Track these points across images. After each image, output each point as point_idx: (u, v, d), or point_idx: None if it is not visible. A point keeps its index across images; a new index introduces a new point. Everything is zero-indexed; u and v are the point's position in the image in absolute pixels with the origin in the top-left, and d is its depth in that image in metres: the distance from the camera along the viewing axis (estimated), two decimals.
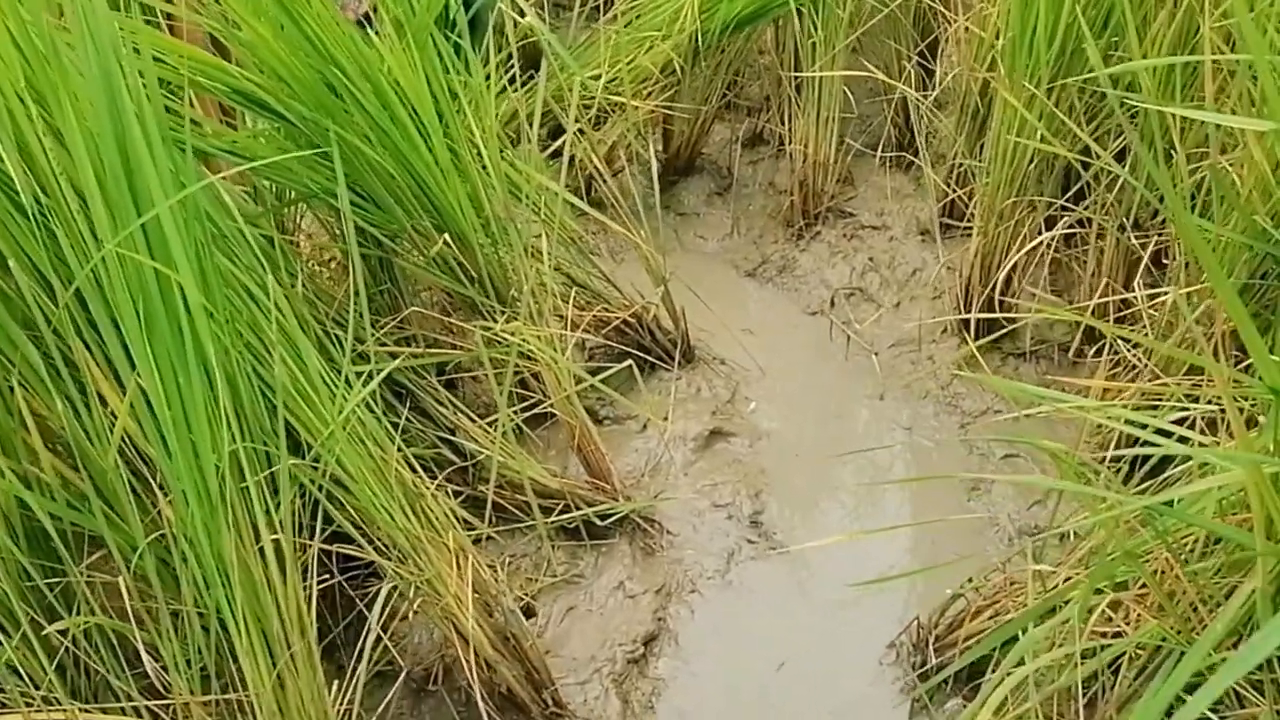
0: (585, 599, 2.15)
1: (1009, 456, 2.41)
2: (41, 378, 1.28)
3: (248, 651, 1.35)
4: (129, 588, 1.32)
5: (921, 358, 2.68)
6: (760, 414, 2.61)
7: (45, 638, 1.33)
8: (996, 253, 2.50)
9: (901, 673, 2.01)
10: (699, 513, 2.35)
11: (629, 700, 2.00)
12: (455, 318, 2.28)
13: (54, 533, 1.30)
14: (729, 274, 3.07)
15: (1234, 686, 1.19)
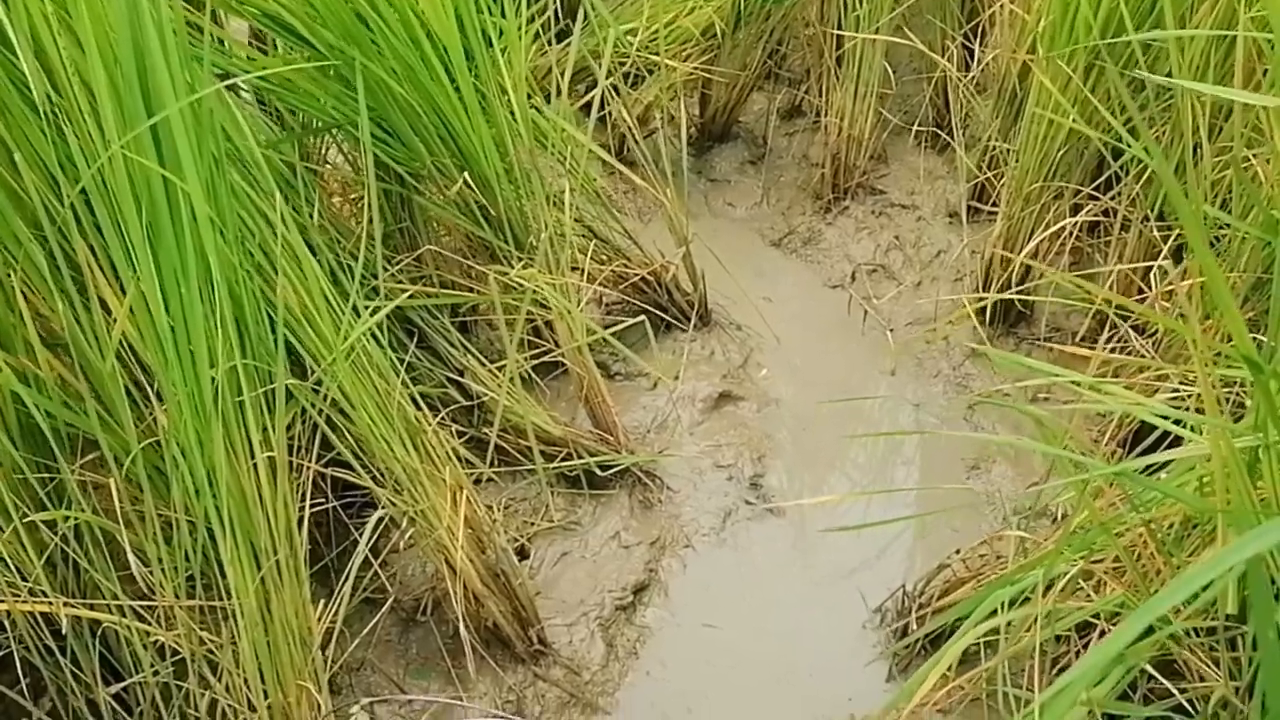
0: (580, 545, 2.17)
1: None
2: (44, 276, 1.31)
3: (233, 560, 1.38)
4: (120, 490, 1.35)
5: (936, 337, 2.68)
6: (771, 381, 2.62)
7: (35, 532, 1.37)
8: (1020, 237, 2.48)
9: (882, 638, 2.03)
10: (700, 471, 2.36)
11: (614, 645, 2.02)
12: (474, 262, 2.30)
13: (48, 430, 1.34)
14: (754, 242, 3.07)
15: (1195, 662, 1.19)
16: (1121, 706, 1.17)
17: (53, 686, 1.46)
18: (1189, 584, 0.58)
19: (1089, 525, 1.31)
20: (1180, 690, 1.18)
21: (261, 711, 1.43)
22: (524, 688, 1.92)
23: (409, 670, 1.93)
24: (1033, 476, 2.29)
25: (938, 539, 2.18)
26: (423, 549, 1.86)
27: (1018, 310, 2.60)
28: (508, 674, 1.92)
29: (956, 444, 2.45)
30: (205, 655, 1.44)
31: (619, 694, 1.96)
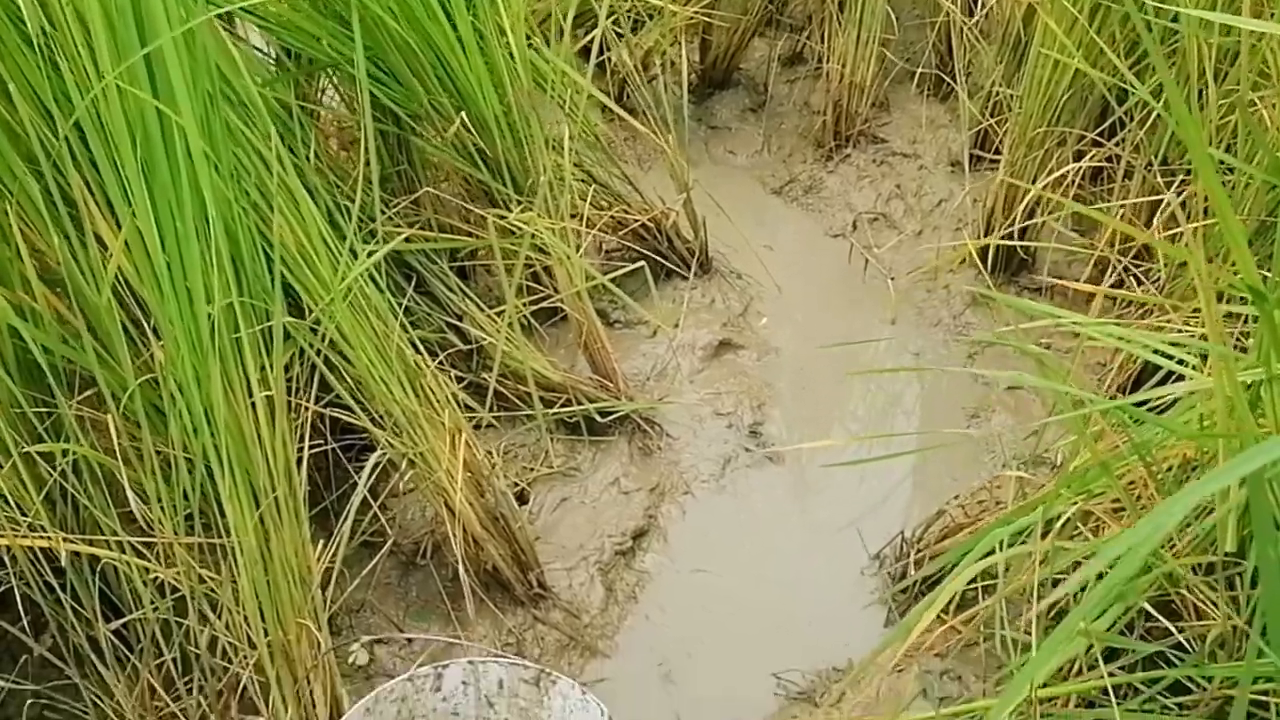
0: (579, 491, 2.17)
1: (1012, 388, 2.40)
2: (40, 210, 1.30)
3: (232, 498, 1.38)
4: (117, 426, 1.35)
5: (937, 286, 2.67)
6: (771, 329, 2.61)
7: (34, 468, 1.37)
8: (1022, 184, 2.46)
9: (880, 584, 2.03)
10: (700, 419, 2.36)
11: (613, 589, 2.03)
12: (473, 206, 2.28)
13: (45, 366, 1.33)
14: (755, 190, 3.05)
15: (1194, 601, 1.19)
16: (1120, 640, 1.18)
17: (53, 623, 1.46)
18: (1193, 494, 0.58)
19: (1088, 465, 1.31)
20: (1179, 629, 1.19)
21: (261, 649, 1.43)
22: (523, 630, 1.93)
23: (408, 612, 1.93)
24: (1032, 425, 2.28)
25: (937, 487, 2.18)
26: (422, 492, 1.86)
27: (1020, 258, 2.58)
28: (507, 617, 1.93)
29: (956, 392, 2.44)
30: (205, 593, 1.44)
31: (618, 638, 1.97)
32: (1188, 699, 1.23)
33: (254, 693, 1.49)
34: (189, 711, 1.49)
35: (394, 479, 1.80)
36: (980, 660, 1.84)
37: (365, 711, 1.47)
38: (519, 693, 1.55)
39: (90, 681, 1.48)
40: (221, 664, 1.48)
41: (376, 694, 1.47)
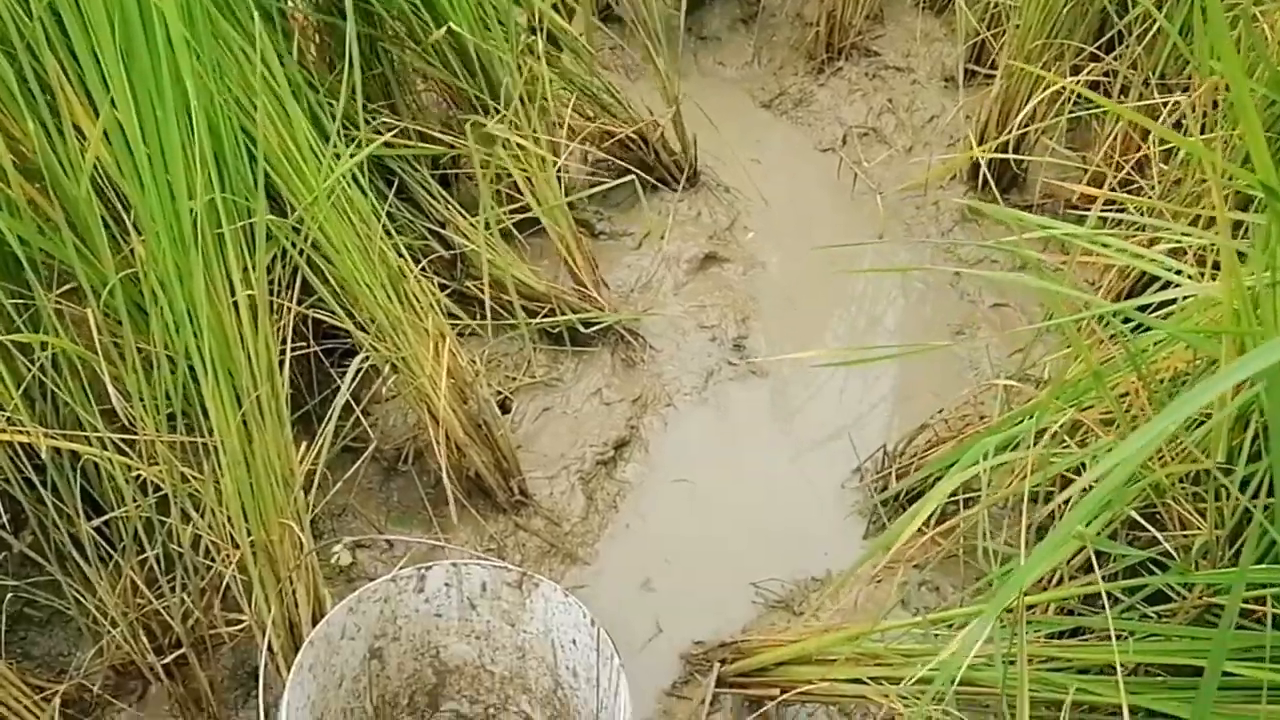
0: (561, 401, 2.17)
1: (998, 305, 2.40)
2: (14, 96, 1.25)
3: (214, 396, 1.36)
4: (98, 322, 1.32)
5: (926, 202, 2.64)
6: (757, 243, 2.59)
7: (12, 362, 1.34)
8: (1018, 98, 2.43)
9: (862, 497, 2.04)
10: (684, 331, 2.35)
11: (594, 498, 2.03)
12: (455, 112, 2.24)
13: (23, 258, 1.30)
14: (744, 103, 3.00)
15: (1179, 512, 1.20)
16: (1109, 545, 1.18)
17: (34, 519, 1.45)
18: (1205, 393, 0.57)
19: (1081, 375, 1.31)
20: (1164, 538, 1.19)
21: (245, 548, 1.43)
22: (504, 537, 1.93)
23: (390, 517, 1.93)
24: (1018, 343, 2.28)
25: (920, 403, 2.18)
26: (405, 398, 1.85)
27: (1012, 174, 2.56)
28: (489, 523, 1.93)
29: (941, 309, 2.44)
30: (188, 492, 1.43)
31: (598, 545, 1.98)
32: (1167, 608, 1.24)
33: (237, 592, 1.49)
34: (172, 609, 1.49)
35: (376, 384, 1.78)
36: (959, 572, 1.86)
37: (348, 611, 1.47)
38: (501, 595, 1.55)
39: (72, 578, 1.47)
40: (204, 563, 1.48)
41: (359, 594, 1.47)
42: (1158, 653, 1.20)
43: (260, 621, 1.47)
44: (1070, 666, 1.28)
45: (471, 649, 1.63)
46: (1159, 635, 1.21)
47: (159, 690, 1.63)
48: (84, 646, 1.59)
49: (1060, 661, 1.30)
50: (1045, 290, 1.11)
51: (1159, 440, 0.69)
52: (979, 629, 0.86)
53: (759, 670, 1.68)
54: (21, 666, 1.60)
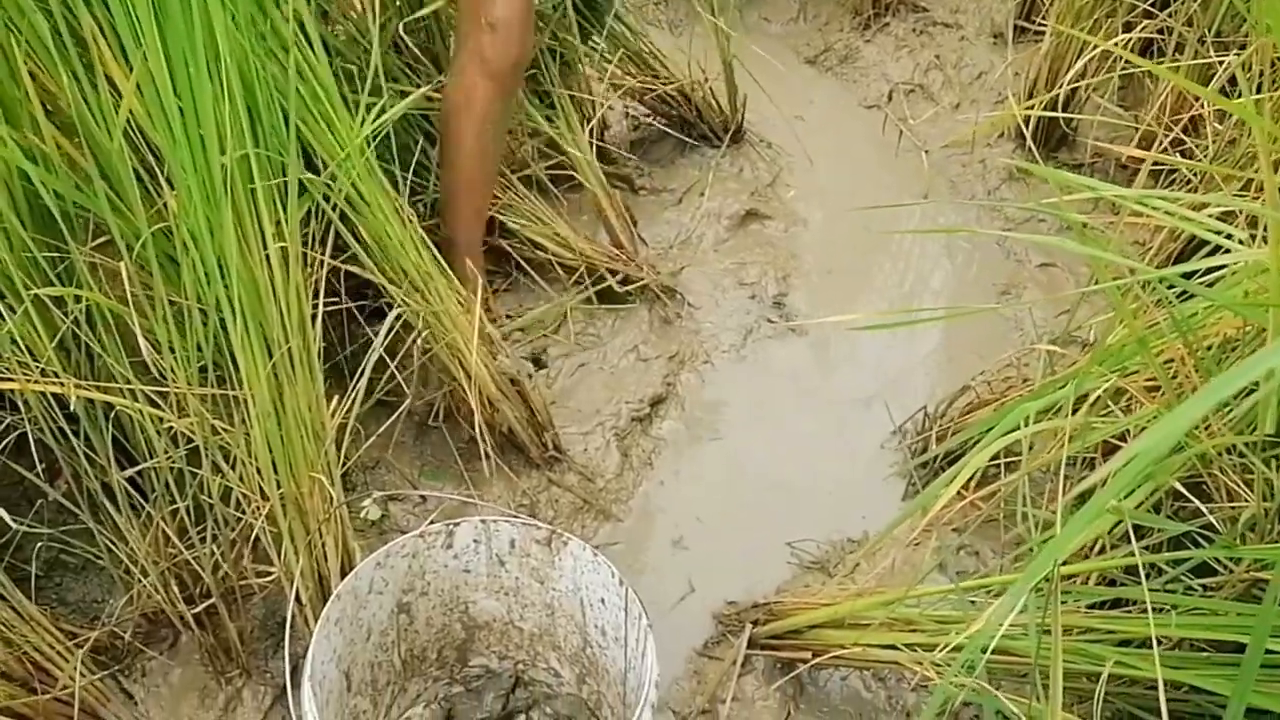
0: (598, 357, 2.15)
1: (1045, 265, 2.34)
2: (48, 49, 1.24)
3: (244, 348, 1.35)
4: (130, 274, 1.31)
5: (973, 160, 2.59)
6: (800, 200, 2.54)
7: (46, 313, 1.34)
8: (1068, 55, 2.36)
9: (900, 457, 2.01)
10: (723, 289, 2.32)
11: (628, 455, 2.02)
12: None
13: (56, 211, 1.29)
14: (789, 59, 2.94)
15: (1226, 483, 1.16)
16: (1149, 518, 1.15)
17: (67, 469, 1.45)
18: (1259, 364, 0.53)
19: (1125, 340, 1.27)
20: (1209, 510, 1.16)
21: (274, 500, 1.43)
22: (538, 492, 1.92)
23: (423, 472, 1.93)
24: (1064, 305, 2.23)
25: (962, 363, 2.14)
26: (437, 353, 1.83)
27: (1061, 132, 2.49)
28: (521, 479, 1.92)
29: (987, 268, 2.39)
30: (219, 444, 1.43)
31: (632, 502, 1.97)
32: (1213, 580, 1.21)
33: (267, 544, 1.49)
34: (202, 560, 1.49)
35: (409, 341, 1.76)
36: (999, 536, 1.83)
37: (376, 565, 1.47)
38: (530, 552, 1.54)
39: (104, 527, 1.48)
40: (234, 514, 1.48)
41: (387, 549, 1.47)
42: (1202, 627, 1.17)
43: (289, 573, 1.48)
44: (1110, 638, 1.25)
45: (500, 605, 1.63)
46: (1203, 610, 1.18)
47: (189, 639, 1.64)
48: (116, 594, 1.61)
49: (1099, 633, 1.27)
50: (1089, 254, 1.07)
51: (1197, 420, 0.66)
52: (1011, 600, 0.83)
53: (792, 632, 1.67)
54: (56, 612, 1.62)
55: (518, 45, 1.83)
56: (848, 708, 1.69)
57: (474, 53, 1.82)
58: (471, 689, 1.70)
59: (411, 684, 1.66)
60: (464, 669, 1.71)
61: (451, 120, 1.90)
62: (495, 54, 1.81)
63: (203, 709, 1.62)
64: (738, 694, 1.69)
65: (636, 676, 1.46)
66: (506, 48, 1.82)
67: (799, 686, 1.71)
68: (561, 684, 1.69)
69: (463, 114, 1.88)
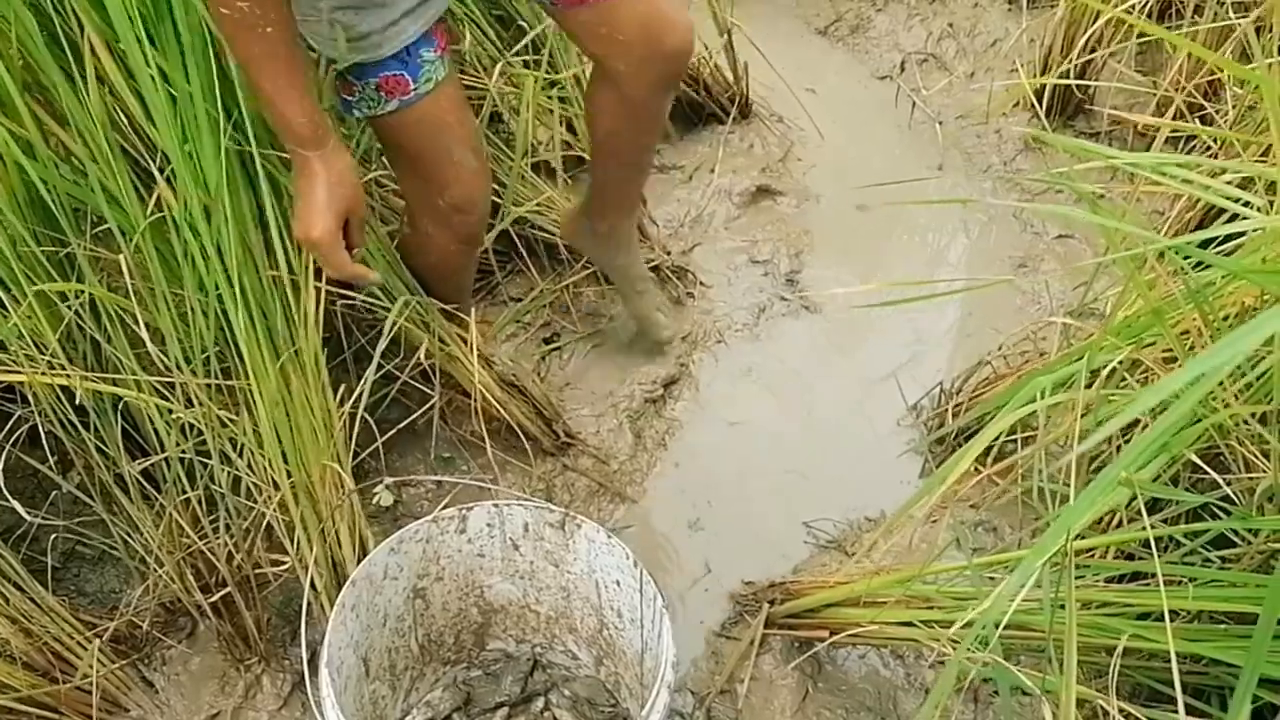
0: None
1: (1062, 237, 2.31)
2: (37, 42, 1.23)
3: (248, 337, 1.35)
4: (130, 266, 1.31)
5: (988, 131, 2.55)
6: (812, 175, 2.52)
7: (51, 307, 1.34)
8: (1084, 20, 2.32)
9: (917, 435, 1.99)
10: (735, 266, 2.30)
11: (642, 436, 2.01)
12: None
13: (54, 204, 1.29)
14: (798, 30, 2.91)
15: (1244, 454, 1.14)
16: (1163, 490, 1.13)
17: (79, 461, 1.46)
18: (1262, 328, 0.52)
19: (1141, 311, 1.25)
20: (1226, 482, 1.14)
21: (285, 489, 1.43)
22: (553, 476, 1.92)
23: (437, 460, 1.92)
24: (1082, 277, 2.20)
25: (979, 339, 2.12)
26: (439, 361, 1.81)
27: (1077, 100, 2.45)
28: (536, 464, 1.91)
29: (1004, 241, 2.36)
30: (229, 436, 1.43)
31: (646, 484, 1.96)
32: (1231, 553, 1.19)
33: (280, 532, 1.50)
34: (216, 550, 1.50)
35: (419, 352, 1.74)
36: (1016, 512, 1.81)
37: (390, 551, 1.46)
38: (544, 536, 1.54)
39: (118, 518, 1.48)
40: (246, 504, 1.48)
41: (400, 534, 1.47)
42: (1219, 599, 1.15)
43: (303, 561, 1.48)
44: (1127, 612, 1.24)
45: (516, 589, 1.63)
46: (1221, 582, 1.16)
47: (207, 628, 1.65)
48: (133, 585, 1.61)
49: (1117, 607, 1.25)
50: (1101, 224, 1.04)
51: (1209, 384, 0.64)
52: (1024, 573, 0.82)
53: (809, 611, 1.66)
54: (74, 603, 1.63)
55: (479, 212, 1.70)
56: (866, 686, 1.68)
57: (433, 222, 1.68)
58: (489, 673, 1.70)
59: (429, 669, 1.66)
60: (481, 653, 1.71)
61: (413, 261, 1.76)
62: (458, 227, 1.68)
63: (223, 696, 1.62)
64: (756, 674, 1.68)
65: (653, 657, 1.45)
66: (467, 220, 1.68)
67: (817, 665, 1.70)
68: (579, 666, 1.69)
69: (429, 261, 1.75)
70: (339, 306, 1.63)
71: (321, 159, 1.36)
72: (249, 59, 1.25)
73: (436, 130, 1.54)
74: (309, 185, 1.36)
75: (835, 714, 1.65)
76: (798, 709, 1.65)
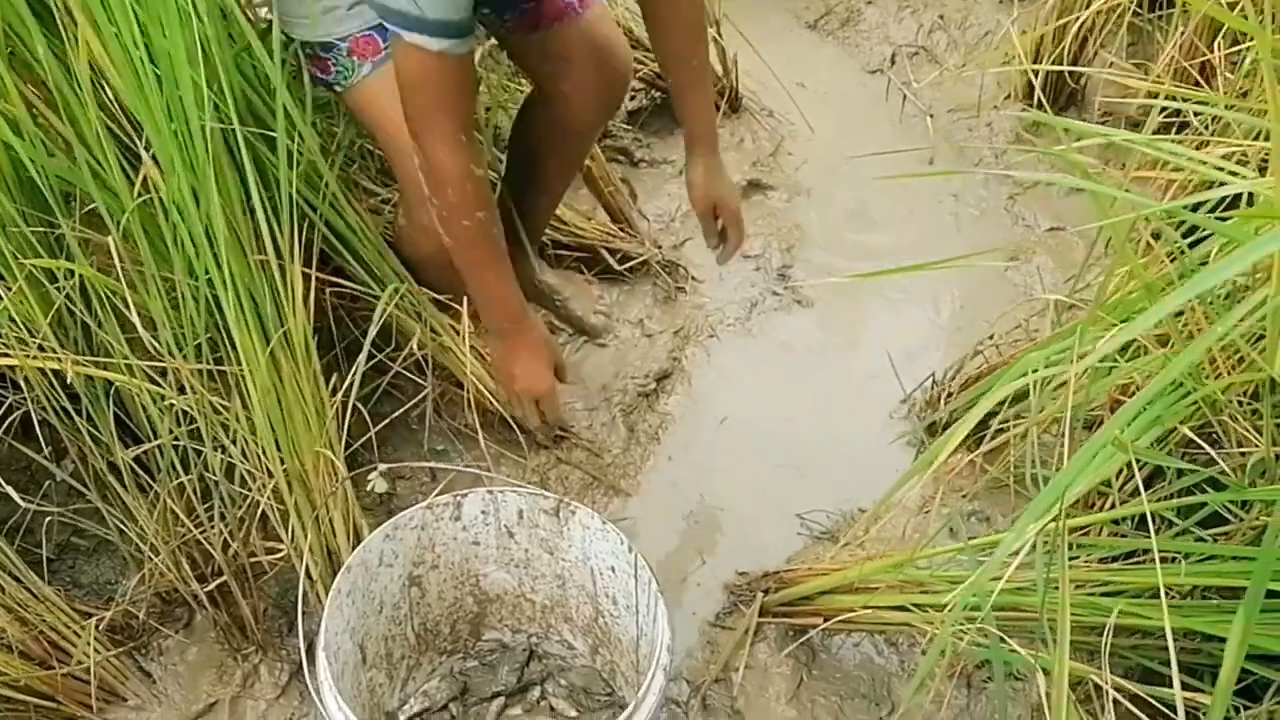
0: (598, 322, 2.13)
1: (1054, 230, 2.32)
2: (23, 20, 1.23)
3: (239, 321, 1.35)
4: (118, 248, 1.30)
5: (979, 124, 2.56)
6: (803, 170, 2.53)
7: (40, 288, 1.34)
8: (1075, 8, 2.33)
9: (910, 427, 2.00)
10: None
11: (635, 430, 2.01)
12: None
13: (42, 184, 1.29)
14: (788, 23, 2.92)
15: (1236, 430, 1.15)
16: (1155, 455, 1.13)
17: (73, 449, 1.46)
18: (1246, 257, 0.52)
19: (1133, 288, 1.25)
20: (1221, 456, 1.14)
21: (279, 477, 1.43)
22: (547, 469, 1.92)
23: (429, 452, 1.92)
24: (1072, 269, 2.21)
25: (971, 332, 2.12)
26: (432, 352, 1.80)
27: (1069, 90, 2.46)
28: (530, 457, 1.91)
29: (995, 234, 2.37)
30: (221, 422, 1.43)
31: (640, 477, 1.96)
32: (1222, 530, 1.19)
33: (275, 521, 1.49)
34: (212, 539, 1.49)
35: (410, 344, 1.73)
36: (1009, 501, 1.82)
37: (385, 538, 1.46)
38: (539, 523, 1.54)
39: (113, 507, 1.48)
40: (240, 492, 1.48)
41: (395, 521, 1.47)
42: (1211, 575, 1.15)
43: (298, 550, 1.47)
44: (1122, 591, 1.24)
45: (511, 577, 1.63)
46: (1215, 557, 1.17)
47: (204, 618, 1.65)
48: (129, 575, 1.61)
49: (1111, 585, 1.25)
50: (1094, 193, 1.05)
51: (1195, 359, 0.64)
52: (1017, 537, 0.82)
53: (803, 599, 1.66)
54: (70, 594, 1.62)
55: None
56: (860, 673, 1.68)
57: (423, 219, 1.59)
58: (486, 663, 1.70)
59: (426, 658, 1.66)
60: (478, 643, 1.71)
61: (406, 253, 1.72)
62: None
63: (220, 685, 1.62)
64: (751, 662, 1.69)
65: (649, 643, 1.45)
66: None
67: (811, 653, 1.70)
68: (575, 655, 1.69)
69: (423, 253, 1.69)
70: (329, 296, 1.62)
71: (530, 327, 1.63)
72: (477, 260, 1.48)
73: None
74: (525, 351, 1.65)
75: (830, 701, 1.65)
76: (793, 696, 1.65)
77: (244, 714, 1.60)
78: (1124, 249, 1.15)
